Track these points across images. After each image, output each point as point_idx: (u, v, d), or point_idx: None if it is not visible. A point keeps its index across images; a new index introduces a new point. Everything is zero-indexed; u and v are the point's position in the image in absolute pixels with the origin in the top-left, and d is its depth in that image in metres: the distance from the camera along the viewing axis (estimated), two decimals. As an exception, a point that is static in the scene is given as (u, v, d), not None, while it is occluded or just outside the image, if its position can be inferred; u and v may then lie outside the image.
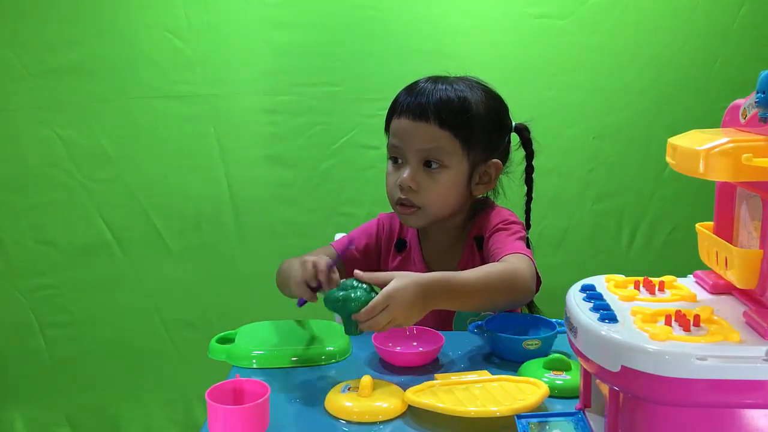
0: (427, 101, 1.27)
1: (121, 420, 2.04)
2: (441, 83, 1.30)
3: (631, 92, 1.97)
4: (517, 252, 1.20)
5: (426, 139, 1.27)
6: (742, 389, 0.64)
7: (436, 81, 1.31)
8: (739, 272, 0.73)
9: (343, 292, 1.01)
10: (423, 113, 1.26)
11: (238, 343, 1.13)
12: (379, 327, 1.01)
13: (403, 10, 1.91)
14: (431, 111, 1.26)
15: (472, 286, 1.10)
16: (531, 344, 1.09)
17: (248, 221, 1.98)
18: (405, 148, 1.29)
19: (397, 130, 1.30)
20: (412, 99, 1.28)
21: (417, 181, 1.27)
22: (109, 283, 1.98)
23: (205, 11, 1.89)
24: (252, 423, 0.84)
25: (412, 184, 1.27)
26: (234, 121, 1.94)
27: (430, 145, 1.27)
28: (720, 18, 1.94)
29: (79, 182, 1.94)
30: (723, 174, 0.68)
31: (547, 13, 1.92)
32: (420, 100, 1.27)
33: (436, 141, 1.26)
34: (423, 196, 1.28)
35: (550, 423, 0.87)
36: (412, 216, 1.31)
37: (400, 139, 1.29)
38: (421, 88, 1.29)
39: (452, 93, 1.28)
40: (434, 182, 1.28)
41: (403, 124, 1.29)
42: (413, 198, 1.28)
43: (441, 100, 1.27)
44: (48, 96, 1.90)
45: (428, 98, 1.27)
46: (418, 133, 1.27)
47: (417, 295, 1.02)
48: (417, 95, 1.28)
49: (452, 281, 1.09)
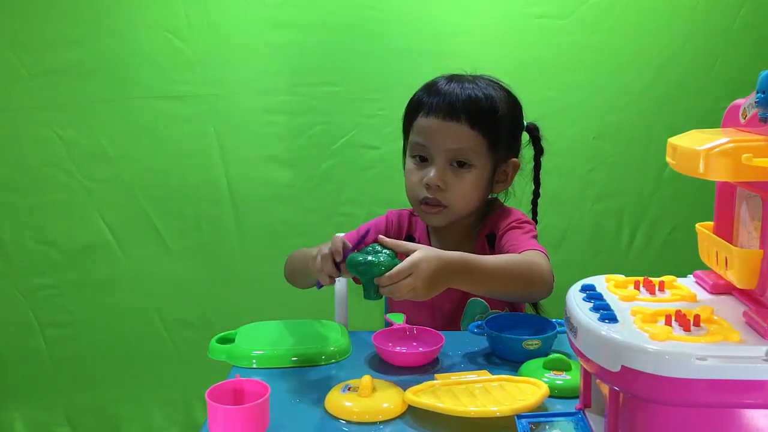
0: (457, 101, 1.26)
1: (121, 420, 2.04)
2: (466, 82, 1.30)
3: (631, 92, 1.97)
4: (534, 248, 1.21)
5: (456, 138, 1.26)
6: (742, 389, 0.64)
7: (460, 80, 1.30)
8: (739, 272, 0.73)
9: (367, 255, 1.02)
10: (454, 113, 1.26)
11: (238, 343, 1.13)
12: (400, 294, 1.01)
13: (403, 10, 1.91)
14: (462, 111, 1.26)
15: (491, 271, 1.11)
16: (531, 344, 1.09)
17: (248, 221, 1.98)
18: (432, 147, 1.28)
19: (424, 128, 1.29)
20: (440, 98, 1.27)
21: (445, 180, 1.27)
22: (109, 283, 1.98)
23: (205, 11, 1.89)
24: (252, 423, 0.84)
25: (440, 183, 1.27)
26: (234, 121, 1.94)
27: (460, 145, 1.27)
28: (720, 18, 1.94)
29: (79, 182, 1.94)
30: (723, 174, 0.68)
31: (547, 13, 1.93)
32: (450, 100, 1.27)
33: (465, 141, 1.27)
34: (450, 195, 1.28)
35: (550, 423, 0.87)
36: (437, 215, 1.30)
37: (428, 137, 1.28)
38: (447, 87, 1.29)
39: (480, 92, 1.28)
40: (461, 181, 1.28)
41: (432, 123, 1.27)
42: (440, 197, 1.28)
43: (471, 99, 1.27)
44: (48, 96, 1.90)
45: (458, 98, 1.27)
46: (448, 132, 1.26)
47: (440, 269, 1.03)
48: (446, 94, 1.27)
49: (473, 262, 1.10)
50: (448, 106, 1.26)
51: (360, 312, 1.60)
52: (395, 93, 1.91)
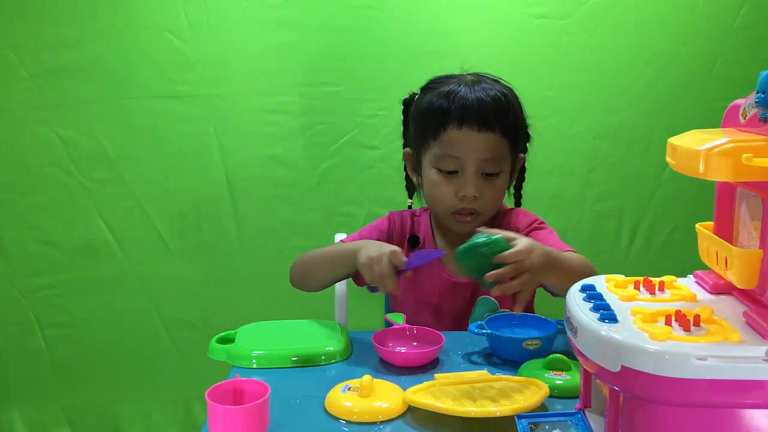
0: (486, 109, 1.25)
1: (121, 420, 2.04)
2: (487, 86, 1.28)
3: (631, 92, 1.97)
4: (572, 250, 1.23)
5: (491, 148, 1.26)
6: (742, 389, 0.64)
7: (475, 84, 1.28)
8: (739, 272, 0.73)
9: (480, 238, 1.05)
10: (488, 123, 1.25)
11: (238, 343, 1.13)
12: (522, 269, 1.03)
13: (403, 10, 1.91)
14: (495, 120, 1.25)
15: (570, 267, 1.15)
16: (531, 344, 1.09)
17: (248, 221, 1.98)
18: (466, 159, 1.26)
19: (457, 141, 1.26)
20: (469, 108, 1.25)
21: (480, 189, 1.27)
22: (109, 283, 1.98)
23: (205, 11, 1.89)
24: (252, 423, 0.84)
25: (477, 194, 1.27)
26: (234, 121, 1.94)
27: (493, 154, 1.27)
28: (720, 18, 1.94)
29: (79, 182, 1.94)
30: (723, 174, 0.68)
31: (547, 13, 1.92)
32: (483, 111, 1.25)
33: (498, 149, 1.27)
34: (483, 202, 1.28)
35: (550, 423, 0.87)
36: (470, 223, 1.30)
37: (462, 150, 1.26)
38: (470, 93, 1.26)
39: (503, 97, 1.28)
40: (493, 187, 1.29)
41: (467, 135, 1.25)
42: (474, 206, 1.28)
43: (500, 106, 1.26)
44: (48, 96, 1.90)
45: (486, 105, 1.25)
46: (484, 143, 1.25)
47: (546, 257, 1.07)
48: (474, 103, 1.25)
49: (559, 257, 1.13)
50: (482, 117, 1.24)
51: (360, 312, 1.60)
52: (395, 93, 1.91)
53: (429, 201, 1.34)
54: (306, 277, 1.32)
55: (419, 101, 1.35)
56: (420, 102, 1.34)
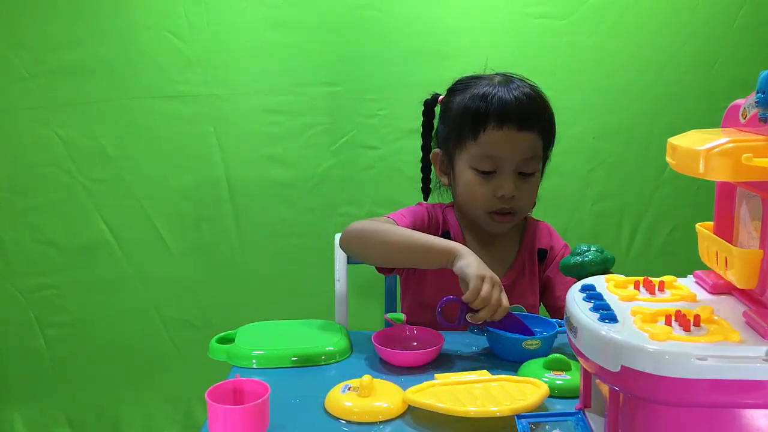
0: (529, 111, 1.25)
1: (121, 420, 2.04)
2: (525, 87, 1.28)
3: (631, 92, 1.97)
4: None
5: (528, 148, 1.26)
6: (742, 389, 0.64)
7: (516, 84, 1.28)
8: (739, 272, 0.73)
9: (578, 257, 1.11)
10: (528, 123, 1.25)
11: (238, 343, 1.13)
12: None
13: (403, 10, 1.91)
14: (535, 120, 1.26)
15: None
16: (531, 344, 1.09)
17: (248, 221, 1.98)
18: (505, 159, 1.25)
19: (498, 141, 1.25)
20: (509, 108, 1.24)
21: (518, 189, 1.27)
22: (109, 283, 1.98)
23: (205, 11, 1.89)
24: (252, 423, 0.84)
25: (516, 193, 1.26)
26: (234, 121, 1.94)
27: (530, 155, 1.27)
28: (720, 18, 1.94)
29: (79, 182, 1.94)
30: (723, 174, 0.68)
31: (547, 13, 1.93)
32: (523, 111, 1.24)
33: (534, 149, 1.27)
34: (520, 201, 1.28)
35: (550, 423, 0.87)
36: (508, 222, 1.30)
37: (502, 150, 1.25)
38: (507, 94, 1.25)
39: (539, 98, 1.28)
40: (529, 186, 1.29)
41: (507, 135, 1.24)
42: (512, 205, 1.28)
43: (537, 106, 1.27)
44: (48, 96, 1.90)
45: (528, 107, 1.25)
46: (522, 143, 1.25)
47: None
48: (513, 104, 1.24)
49: None
50: (523, 116, 1.24)
51: (360, 312, 1.60)
52: (395, 93, 1.93)
53: (463, 201, 1.32)
54: (371, 253, 1.27)
55: (450, 103, 1.33)
56: (451, 103, 1.33)
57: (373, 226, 1.25)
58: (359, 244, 1.26)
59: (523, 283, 1.35)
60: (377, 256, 1.26)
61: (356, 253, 1.28)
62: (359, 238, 1.26)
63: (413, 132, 1.91)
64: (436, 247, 1.17)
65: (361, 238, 1.26)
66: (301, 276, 1.98)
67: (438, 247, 1.17)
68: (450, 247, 1.16)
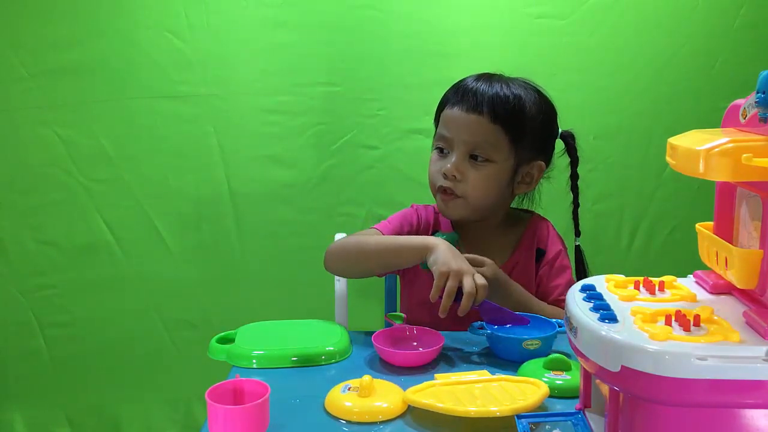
0: (482, 95, 1.29)
1: (121, 420, 2.04)
2: (497, 81, 1.32)
3: (631, 92, 1.97)
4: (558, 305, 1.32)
5: (476, 131, 1.28)
6: (742, 389, 0.64)
7: (490, 79, 1.33)
8: (739, 272, 0.73)
9: None
10: (477, 106, 1.28)
11: (238, 343, 1.13)
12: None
13: (403, 10, 1.91)
14: (486, 104, 1.28)
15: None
16: (531, 344, 1.09)
17: (248, 221, 1.98)
18: (453, 138, 1.30)
19: (447, 120, 1.32)
20: (467, 92, 1.30)
21: (461, 170, 1.29)
22: (109, 283, 1.98)
23: (205, 11, 1.89)
24: (252, 423, 0.84)
25: (456, 173, 1.29)
26: (234, 121, 1.94)
27: (478, 138, 1.29)
28: (720, 18, 1.94)
29: (79, 182, 1.94)
30: (723, 174, 0.68)
31: (547, 13, 1.93)
32: (474, 94, 1.29)
33: (485, 135, 1.29)
34: (465, 186, 1.30)
35: (550, 423, 0.87)
36: (452, 204, 1.32)
37: (450, 129, 1.31)
38: (474, 84, 1.31)
39: (508, 91, 1.30)
40: (478, 173, 1.30)
41: (455, 114, 1.30)
42: (455, 187, 1.30)
43: (497, 95, 1.29)
44: (48, 96, 1.90)
45: (484, 92, 1.29)
46: (469, 125, 1.29)
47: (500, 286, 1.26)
48: (473, 89, 1.30)
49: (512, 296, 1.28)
50: (473, 98, 1.29)
51: (360, 312, 1.60)
52: (395, 93, 1.93)
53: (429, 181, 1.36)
54: (352, 266, 1.33)
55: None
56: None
57: (347, 242, 1.32)
58: (339, 261, 1.32)
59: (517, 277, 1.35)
60: (359, 268, 1.32)
61: (340, 270, 1.35)
62: (337, 255, 1.32)
63: (413, 132, 1.92)
64: (408, 246, 1.23)
65: (339, 255, 1.32)
66: (301, 276, 1.98)
67: (411, 245, 1.22)
68: (423, 243, 1.20)
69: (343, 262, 1.32)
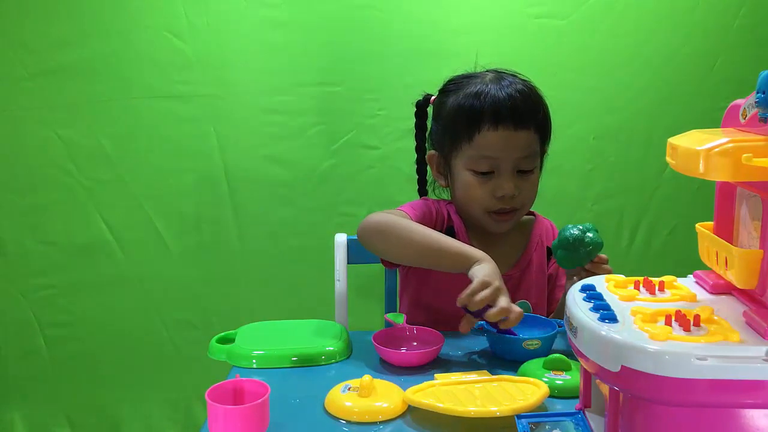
0: (524, 108, 1.24)
1: (121, 420, 2.04)
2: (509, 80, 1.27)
3: (631, 92, 1.97)
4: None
5: (525, 146, 1.25)
6: (742, 389, 0.64)
7: (501, 80, 1.27)
8: (739, 272, 0.73)
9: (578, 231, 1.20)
10: (523, 121, 1.24)
11: (238, 343, 1.13)
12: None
13: (403, 9, 1.91)
14: (530, 118, 1.25)
15: None
16: (531, 344, 1.09)
17: (248, 221, 1.98)
18: (502, 159, 1.24)
19: (494, 142, 1.24)
20: (504, 109, 1.23)
21: (517, 187, 1.26)
22: (109, 283, 1.98)
23: (205, 11, 1.89)
24: (252, 423, 0.84)
25: (515, 192, 1.26)
26: (234, 121, 1.94)
27: (527, 152, 1.26)
28: (720, 18, 1.94)
29: (79, 182, 1.94)
30: (723, 174, 0.68)
31: (547, 13, 1.93)
32: (517, 109, 1.23)
33: (531, 146, 1.27)
34: (521, 198, 1.28)
35: (550, 423, 0.87)
36: (509, 221, 1.30)
37: (499, 150, 1.24)
38: (500, 92, 1.24)
39: (533, 93, 1.27)
40: (529, 184, 1.28)
41: (503, 135, 1.23)
42: (513, 203, 1.27)
43: (530, 102, 1.26)
44: (48, 96, 1.90)
45: (522, 104, 1.24)
46: (519, 142, 1.24)
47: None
48: (508, 102, 1.23)
49: None
50: (518, 115, 1.23)
51: (360, 312, 1.60)
52: (395, 93, 1.93)
53: (463, 202, 1.30)
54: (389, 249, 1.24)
55: (443, 104, 1.31)
56: (444, 104, 1.31)
57: (392, 222, 1.22)
58: (379, 239, 1.23)
59: (530, 279, 1.35)
60: (397, 253, 1.24)
61: (375, 247, 1.25)
62: (380, 231, 1.22)
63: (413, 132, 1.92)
64: (455, 251, 1.16)
65: (382, 232, 1.22)
66: (301, 276, 1.98)
67: (458, 250, 1.16)
68: (471, 252, 1.15)
69: (383, 242, 1.23)
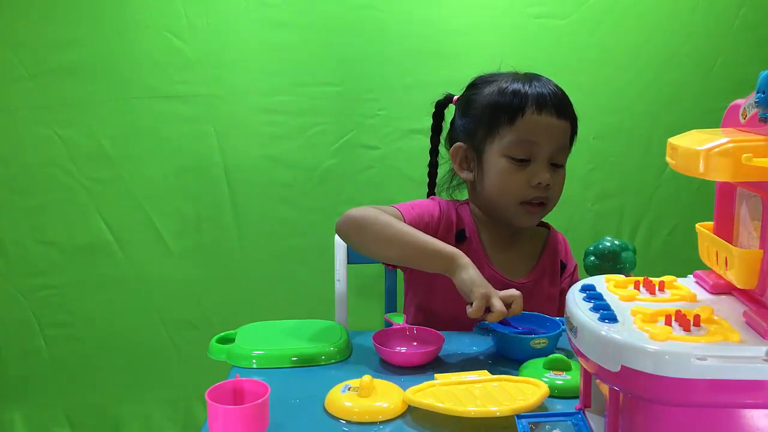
0: (562, 100, 1.26)
1: (121, 420, 2.04)
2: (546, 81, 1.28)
3: (631, 92, 1.97)
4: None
5: (561, 137, 1.26)
6: (742, 389, 0.64)
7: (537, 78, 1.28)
8: (739, 272, 0.73)
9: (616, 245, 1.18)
10: (564, 111, 1.25)
11: (238, 343, 1.13)
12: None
13: (403, 10, 1.91)
14: (569, 111, 1.27)
15: None
16: (538, 343, 1.09)
17: (248, 221, 1.98)
18: (542, 145, 1.24)
19: (537, 126, 1.23)
20: (545, 96, 1.24)
21: (551, 178, 1.26)
22: (109, 283, 1.98)
23: (205, 11, 1.89)
24: (252, 423, 0.84)
25: (550, 182, 1.25)
26: (234, 121, 1.94)
27: (563, 143, 1.27)
28: (720, 18, 1.94)
29: (79, 182, 1.94)
30: (723, 174, 0.68)
31: (547, 13, 1.93)
32: (557, 98, 1.25)
33: (566, 139, 1.28)
34: (552, 192, 1.28)
35: (550, 423, 0.87)
36: (538, 214, 1.29)
37: (541, 135, 1.23)
38: (546, 88, 1.25)
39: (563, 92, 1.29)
40: (560, 178, 1.29)
41: (546, 120, 1.24)
42: (546, 194, 1.27)
43: (568, 100, 1.27)
44: (48, 96, 1.90)
45: (562, 97, 1.26)
46: (559, 130, 1.25)
47: None
48: (552, 93, 1.25)
49: None
50: (560, 103, 1.25)
51: (360, 312, 1.60)
52: (395, 93, 1.93)
53: (495, 191, 1.27)
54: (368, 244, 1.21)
55: (475, 95, 1.30)
56: (477, 96, 1.30)
57: (373, 216, 1.19)
58: (356, 233, 1.21)
59: (544, 286, 1.34)
60: (372, 249, 1.21)
61: (351, 240, 1.23)
62: (357, 226, 1.20)
63: (413, 132, 1.92)
64: (436, 251, 1.14)
65: (360, 227, 1.19)
66: (301, 276, 1.98)
67: (439, 251, 1.14)
68: (451, 253, 1.13)
69: (361, 235, 1.20)
